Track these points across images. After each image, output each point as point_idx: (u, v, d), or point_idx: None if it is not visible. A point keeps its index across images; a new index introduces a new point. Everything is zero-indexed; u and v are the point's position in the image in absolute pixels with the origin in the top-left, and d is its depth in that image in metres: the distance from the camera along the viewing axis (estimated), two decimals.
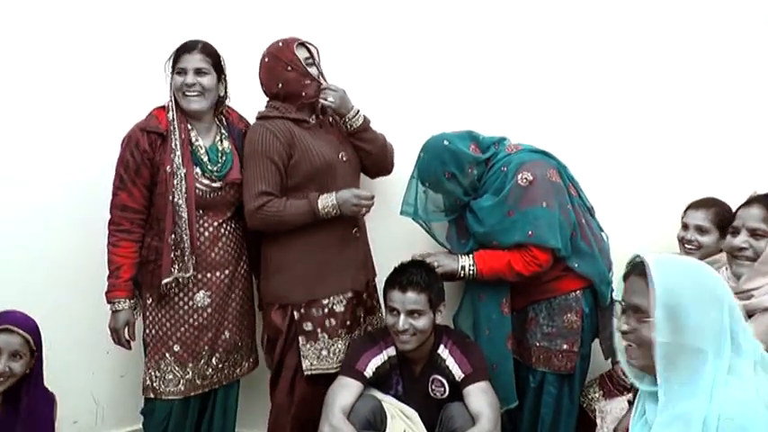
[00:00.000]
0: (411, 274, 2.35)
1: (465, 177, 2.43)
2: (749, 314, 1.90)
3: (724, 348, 1.38)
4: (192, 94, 2.33)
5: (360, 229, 2.53)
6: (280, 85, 2.39)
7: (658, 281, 1.39)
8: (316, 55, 2.45)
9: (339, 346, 2.47)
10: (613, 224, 2.62)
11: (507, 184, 2.38)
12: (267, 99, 2.47)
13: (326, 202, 2.37)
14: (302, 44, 2.42)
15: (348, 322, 2.48)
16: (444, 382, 2.42)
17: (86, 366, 2.76)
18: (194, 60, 2.32)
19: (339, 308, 2.46)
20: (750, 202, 2.08)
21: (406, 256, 2.48)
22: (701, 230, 2.49)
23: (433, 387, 2.44)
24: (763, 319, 1.87)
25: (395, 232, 2.68)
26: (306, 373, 2.43)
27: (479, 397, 2.33)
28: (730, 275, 2.00)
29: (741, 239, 1.96)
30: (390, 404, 2.41)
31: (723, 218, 2.49)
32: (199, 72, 2.33)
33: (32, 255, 2.66)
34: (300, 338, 2.43)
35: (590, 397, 2.55)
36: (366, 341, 2.47)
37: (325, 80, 2.46)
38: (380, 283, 2.56)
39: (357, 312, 2.55)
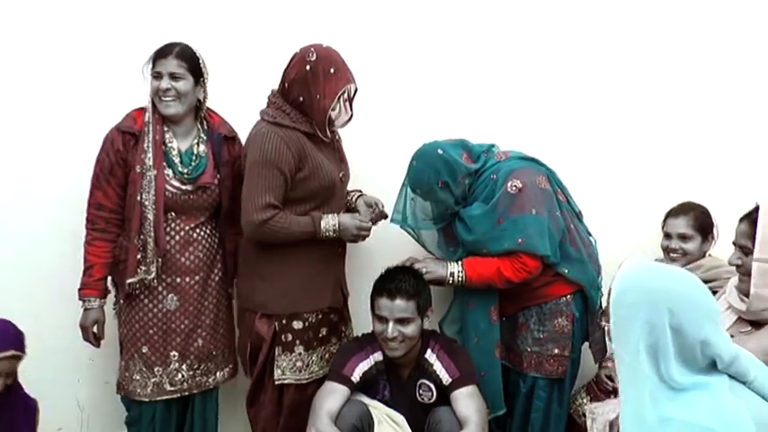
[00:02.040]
0: (399, 280, 2.40)
1: (457, 187, 2.47)
2: (760, 323, 1.96)
3: None
4: (168, 98, 2.35)
5: (343, 247, 2.58)
6: (301, 99, 2.36)
7: None
8: (351, 92, 2.45)
9: (313, 357, 2.52)
10: (601, 228, 2.69)
11: (497, 191, 2.43)
12: (276, 94, 2.42)
13: (328, 225, 2.41)
14: (348, 88, 2.40)
15: (321, 335, 2.53)
16: (432, 386, 2.47)
17: (71, 373, 2.80)
18: (169, 65, 2.34)
19: (315, 321, 2.51)
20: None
21: (391, 263, 2.53)
22: (683, 238, 2.56)
23: (421, 392, 2.49)
24: None
25: (382, 239, 2.71)
26: (276, 382, 2.48)
27: (467, 402, 2.39)
28: (733, 289, 2.06)
29: (734, 257, 2.02)
30: (378, 409, 2.46)
31: (703, 222, 2.56)
32: (174, 77, 2.35)
33: (16, 261, 2.70)
34: (277, 348, 2.47)
35: (578, 403, 2.60)
36: (353, 346, 2.52)
37: (348, 112, 2.46)
38: (360, 290, 2.63)
39: (339, 327, 2.61)
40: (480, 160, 2.52)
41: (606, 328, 1.62)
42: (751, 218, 1.95)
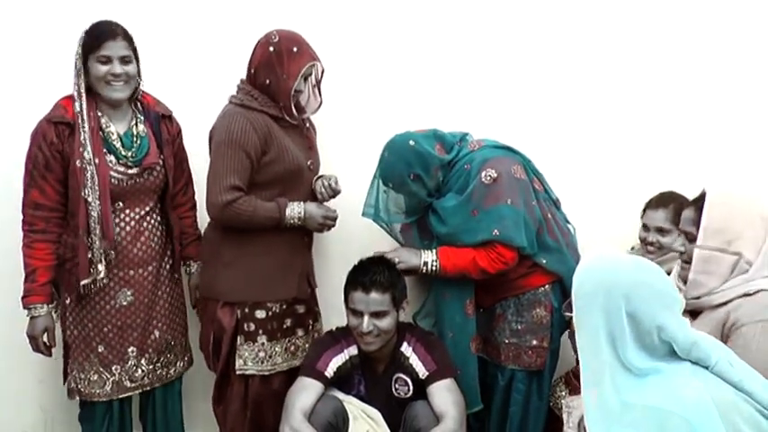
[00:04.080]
0: (373, 273, 2.42)
1: (431, 179, 2.50)
2: (697, 312, 2.02)
3: None
4: (119, 83, 2.33)
5: (310, 237, 2.62)
6: (267, 82, 2.42)
7: None
8: (318, 73, 2.51)
9: (277, 349, 2.55)
10: (580, 216, 2.74)
11: (471, 182, 2.45)
12: (244, 80, 2.49)
13: (293, 212, 2.45)
14: (313, 65, 2.46)
15: (285, 326, 2.56)
16: (408, 380, 2.51)
17: (33, 374, 2.79)
18: (119, 48, 2.31)
19: (280, 311, 2.54)
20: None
21: (363, 255, 2.56)
22: (661, 231, 2.60)
23: (397, 386, 2.53)
24: (713, 315, 1.97)
25: (353, 230, 2.75)
26: (238, 372, 2.51)
27: (444, 395, 2.42)
28: (676, 276, 2.13)
29: (677, 243, 2.10)
30: (353, 405, 2.49)
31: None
32: (124, 60, 2.32)
33: None
34: (239, 338, 2.50)
35: (557, 395, 2.65)
36: (327, 340, 2.55)
37: (317, 98, 2.54)
38: (328, 282, 2.67)
39: (306, 319, 2.64)
40: (453, 150, 2.54)
41: (569, 319, 1.71)
42: (697, 204, 2.01)
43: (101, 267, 2.34)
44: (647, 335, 1.57)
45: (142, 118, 2.45)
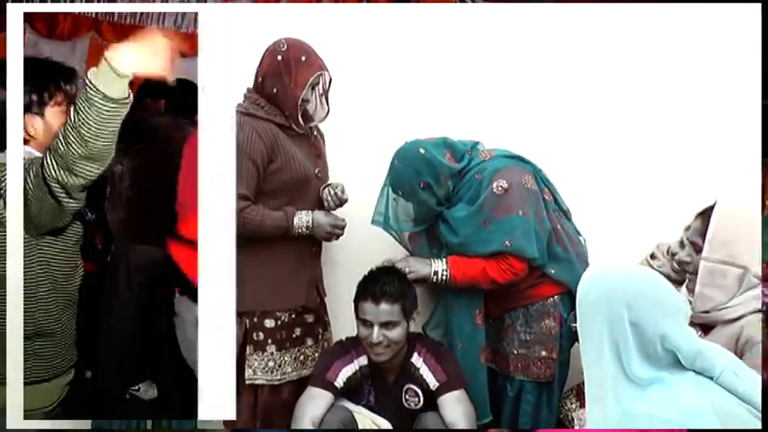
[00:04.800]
0: (383, 283, 2.41)
1: (440, 188, 2.50)
2: (710, 326, 2.03)
3: None
4: None
5: (318, 245, 2.62)
6: (275, 91, 2.44)
7: None
8: (326, 83, 2.52)
9: (286, 358, 2.55)
10: (591, 226, 2.73)
11: (482, 192, 2.45)
12: (251, 89, 2.50)
13: (301, 221, 2.46)
14: (321, 74, 2.47)
15: (294, 335, 2.57)
16: (418, 391, 2.50)
17: None
18: None
19: (288, 320, 2.54)
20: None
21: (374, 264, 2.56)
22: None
23: (407, 397, 2.52)
24: (725, 331, 1.98)
25: (364, 238, 2.76)
26: (247, 382, 2.51)
27: (454, 407, 2.41)
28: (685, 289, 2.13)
29: (684, 253, 2.09)
30: (362, 415, 2.49)
31: None
32: None
33: None
34: (248, 347, 2.50)
35: (567, 408, 2.64)
36: (336, 350, 2.55)
37: (325, 107, 2.55)
38: (337, 293, 2.67)
39: (316, 328, 2.64)
40: (464, 159, 2.55)
41: (575, 329, 1.73)
42: (706, 215, 2.01)
43: None
44: (651, 344, 1.57)
45: None
